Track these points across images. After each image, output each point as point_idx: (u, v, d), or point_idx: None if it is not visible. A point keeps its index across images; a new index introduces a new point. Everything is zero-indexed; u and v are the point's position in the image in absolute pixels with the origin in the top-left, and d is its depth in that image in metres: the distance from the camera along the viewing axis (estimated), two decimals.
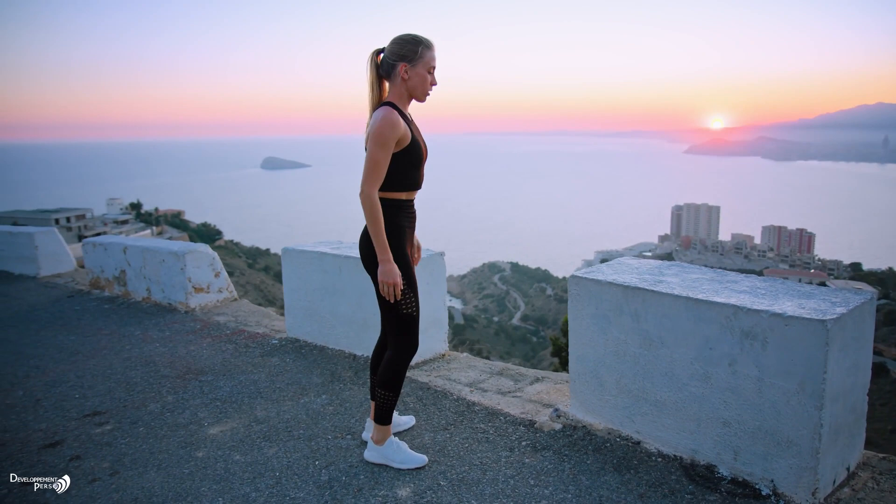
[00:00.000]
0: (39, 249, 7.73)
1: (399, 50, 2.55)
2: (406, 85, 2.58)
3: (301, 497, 2.60)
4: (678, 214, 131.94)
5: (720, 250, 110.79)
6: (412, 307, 2.64)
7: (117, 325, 5.37)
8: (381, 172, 2.50)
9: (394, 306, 2.61)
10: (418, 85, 2.59)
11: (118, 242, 6.36)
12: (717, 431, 2.50)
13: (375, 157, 2.48)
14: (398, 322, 2.64)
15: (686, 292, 2.55)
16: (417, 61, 2.56)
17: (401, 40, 2.57)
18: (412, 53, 2.55)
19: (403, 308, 2.62)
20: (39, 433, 3.35)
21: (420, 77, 2.58)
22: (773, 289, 2.56)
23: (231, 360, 4.33)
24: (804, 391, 2.22)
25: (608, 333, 2.82)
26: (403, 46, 2.55)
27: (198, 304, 5.71)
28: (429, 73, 2.60)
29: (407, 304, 2.62)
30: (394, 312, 2.63)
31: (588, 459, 2.73)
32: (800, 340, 2.21)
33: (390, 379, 2.69)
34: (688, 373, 2.55)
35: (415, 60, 2.55)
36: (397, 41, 2.57)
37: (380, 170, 2.49)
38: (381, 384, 2.70)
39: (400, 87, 2.59)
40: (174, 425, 3.35)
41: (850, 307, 2.28)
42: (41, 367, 4.40)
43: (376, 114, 2.52)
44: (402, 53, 2.55)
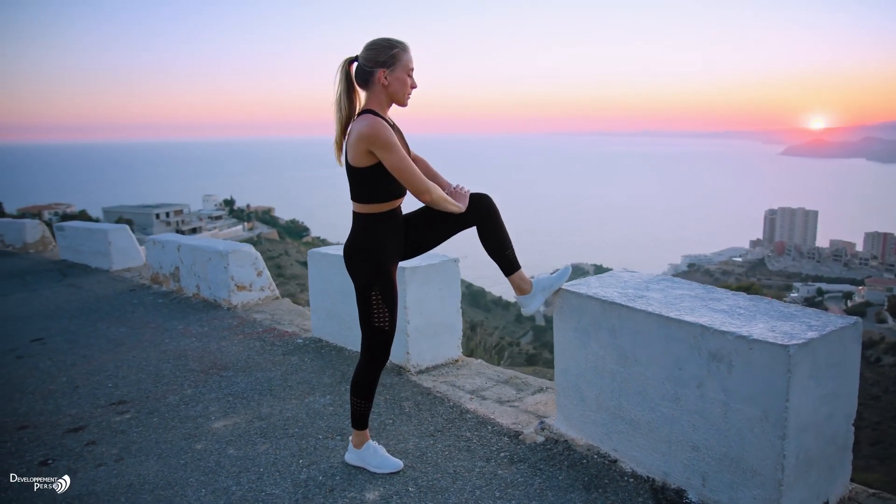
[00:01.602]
0: (112, 245, 8.32)
1: (376, 56, 2.52)
2: (387, 91, 2.55)
3: (276, 494, 2.71)
4: (771, 219, 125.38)
5: (817, 257, 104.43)
6: (384, 322, 2.65)
7: (164, 319, 5.72)
8: (413, 168, 2.49)
9: (367, 317, 2.65)
10: (399, 89, 2.56)
11: (173, 241, 6.76)
12: (686, 455, 2.42)
13: (398, 164, 2.45)
14: (369, 332, 2.68)
15: (660, 309, 2.47)
16: (396, 65, 2.53)
17: (376, 46, 2.53)
18: (390, 58, 2.52)
19: (375, 321, 2.65)
20: (68, 418, 3.64)
21: (400, 81, 2.55)
22: (754, 308, 2.44)
23: (254, 357, 4.53)
24: (767, 419, 2.12)
25: (588, 348, 2.77)
26: (380, 52, 2.52)
27: (240, 302, 5.99)
28: (408, 76, 2.58)
29: (380, 318, 2.64)
30: (367, 323, 2.67)
31: (560, 475, 2.70)
32: (763, 365, 2.11)
33: (361, 386, 2.74)
34: (660, 393, 2.48)
35: (393, 65, 2.52)
36: (373, 47, 2.53)
37: (411, 168, 2.47)
38: (352, 391, 2.77)
39: (379, 94, 2.55)
40: (185, 417, 3.56)
41: (825, 332, 2.15)
42: (88, 357, 4.76)
43: (360, 123, 2.47)
44: (380, 59, 2.51)
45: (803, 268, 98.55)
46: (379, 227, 2.61)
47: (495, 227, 2.72)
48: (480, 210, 2.69)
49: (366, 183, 2.54)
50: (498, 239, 2.74)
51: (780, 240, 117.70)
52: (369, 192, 2.56)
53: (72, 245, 9.07)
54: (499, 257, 2.78)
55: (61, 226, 9.43)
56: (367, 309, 2.64)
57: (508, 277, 2.84)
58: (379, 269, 2.61)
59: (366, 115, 2.51)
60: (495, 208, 2.73)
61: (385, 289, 2.63)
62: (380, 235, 2.60)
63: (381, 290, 2.62)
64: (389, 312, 2.66)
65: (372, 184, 2.54)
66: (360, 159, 2.50)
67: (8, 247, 10.72)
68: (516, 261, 2.82)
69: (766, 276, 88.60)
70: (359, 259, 2.61)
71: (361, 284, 2.63)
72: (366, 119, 2.47)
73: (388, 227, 2.63)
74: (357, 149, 2.48)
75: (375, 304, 2.63)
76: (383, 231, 2.61)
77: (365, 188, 2.55)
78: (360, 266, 2.62)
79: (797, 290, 78.38)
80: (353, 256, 2.63)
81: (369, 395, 2.77)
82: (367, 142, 2.44)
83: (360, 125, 2.47)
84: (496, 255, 2.78)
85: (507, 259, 2.79)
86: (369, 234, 2.60)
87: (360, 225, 2.61)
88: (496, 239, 2.74)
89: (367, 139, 2.44)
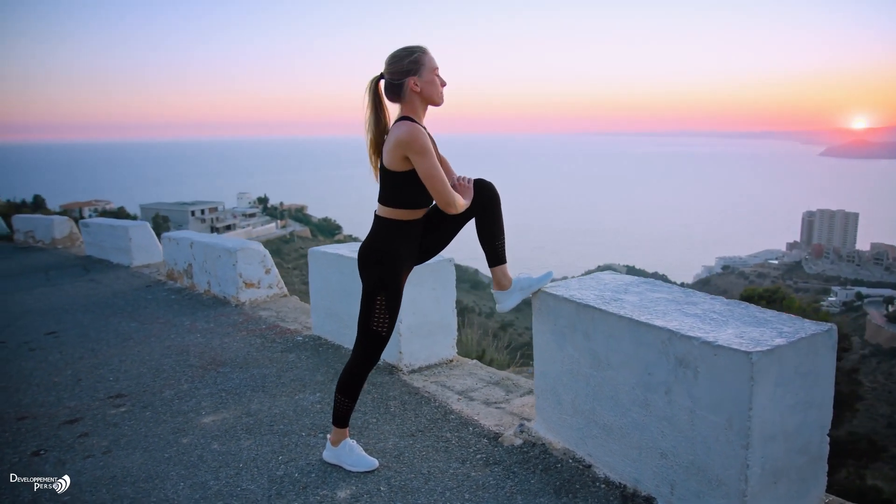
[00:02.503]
0: (133, 241, 8.51)
1: (401, 68, 2.55)
2: (421, 96, 2.59)
3: (251, 489, 2.74)
4: (810, 221, 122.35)
5: (857, 260, 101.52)
6: (383, 327, 2.67)
7: (173, 315, 5.83)
8: (444, 179, 2.51)
9: (367, 319, 2.68)
10: (432, 91, 2.61)
11: (187, 238, 6.89)
12: (656, 462, 2.37)
13: (430, 171, 2.48)
14: (365, 333, 2.70)
15: (632, 313, 2.43)
16: (422, 70, 2.57)
17: (398, 58, 2.57)
18: (415, 65, 2.56)
19: (374, 325, 2.67)
20: (67, 410, 3.73)
21: (430, 83, 2.60)
22: (728, 313, 2.39)
23: (253, 354, 4.59)
24: (732, 427, 2.07)
25: (564, 351, 2.74)
26: (404, 62, 2.55)
27: (248, 299, 6.07)
28: (436, 76, 2.62)
29: (379, 322, 2.66)
30: (365, 324, 2.69)
31: (533, 479, 2.67)
32: (727, 372, 2.06)
33: (348, 385, 2.76)
34: (630, 398, 2.44)
35: (419, 70, 2.57)
36: (395, 60, 2.57)
37: (442, 178, 2.49)
38: (338, 388, 2.79)
39: (413, 102, 2.59)
40: (176, 412, 3.62)
41: (794, 339, 2.09)
42: (95, 350, 4.87)
43: (399, 129, 2.51)
44: (406, 69, 2.55)
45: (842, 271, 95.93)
46: (398, 233, 2.63)
47: (493, 215, 2.74)
48: (486, 199, 2.71)
49: (397, 187, 2.58)
50: (492, 227, 2.75)
51: (818, 242, 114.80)
52: (398, 198, 2.59)
53: (96, 241, 9.31)
54: (489, 246, 2.79)
55: (86, 222, 9.68)
56: (369, 311, 2.66)
57: (491, 269, 2.84)
58: (390, 276, 2.63)
59: (403, 121, 2.55)
60: (497, 196, 2.75)
61: (391, 296, 2.65)
62: (397, 242, 2.63)
63: (387, 297, 2.64)
64: (389, 319, 2.68)
65: (402, 189, 2.57)
66: (395, 163, 2.54)
67: (38, 242, 11.05)
68: (504, 254, 2.82)
69: (803, 279, 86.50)
70: (373, 263, 2.63)
71: (370, 287, 2.65)
72: (404, 125, 2.51)
73: (407, 236, 2.65)
74: (394, 154, 2.52)
75: (378, 309, 2.65)
76: (402, 238, 2.64)
77: (395, 192, 2.59)
78: (372, 269, 2.64)
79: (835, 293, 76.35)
80: (368, 259, 2.65)
81: (354, 395, 2.79)
82: (404, 147, 2.48)
83: (398, 131, 2.51)
84: (486, 244, 2.78)
85: (496, 250, 2.79)
86: (388, 240, 2.62)
87: (381, 229, 2.64)
88: (490, 227, 2.75)
89: (404, 144, 2.48)
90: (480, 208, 2.72)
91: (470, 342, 6.08)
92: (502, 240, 2.81)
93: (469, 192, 2.69)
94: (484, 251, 2.81)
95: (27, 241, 11.32)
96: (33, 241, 11.15)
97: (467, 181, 2.71)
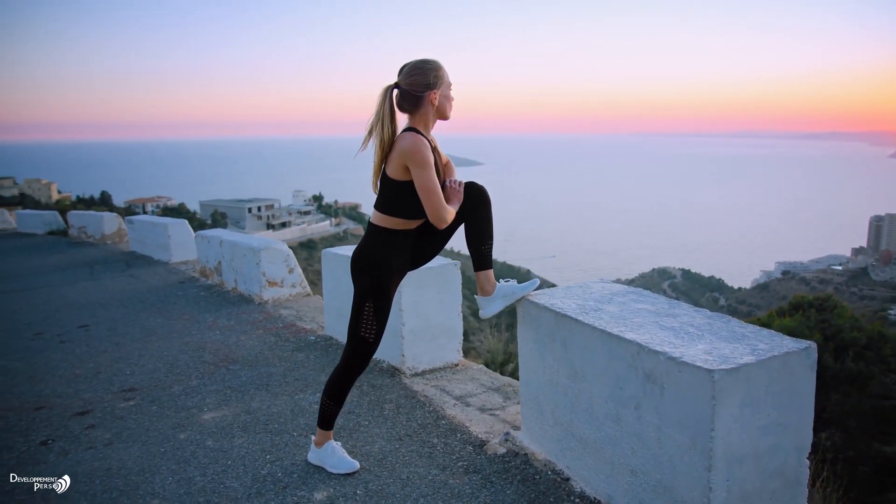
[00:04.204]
0: (172, 238, 8.80)
1: (423, 80, 2.58)
2: (435, 109, 2.64)
3: (234, 487, 2.79)
4: (878, 226, 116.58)
5: None
6: (370, 333, 2.70)
7: (198, 312, 6.00)
8: (439, 193, 2.54)
9: (355, 325, 2.70)
10: (447, 105, 2.68)
11: (217, 236, 7.08)
12: (626, 479, 2.30)
13: (427, 184, 2.51)
14: (354, 339, 2.73)
15: (606, 324, 2.37)
16: (441, 84, 2.62)
17: (420, 70, 2.59)
18: (436, 79, 2.61)
19: (363, 331, 2.69)
20: (80, 402, 3.89)
21: (446, 98, 2.66)
22: (706, 327, 2.30)
23: (264, 353, 4.68)
24: (695, 448, 1.99)
25: (545, 360, 2.70)
26: (427, 75, 2.59)
27: (270, 298, 6.19)
28: (450, 92, 2.68)
29: (367, 328, 2.69)
30: (354, 329, 2.72)
31: (509, 490, 2.64)
32: (690, 390, 1.98)
33: (334, 389, 2.79)
34: (604, 411, 2.38)
35: (439, 85, 2.62)
36: (417, 73, 2.59)
37: (437, 192, 2.53)
38: (325, 392, 2.82)
39: (426, 114, 2.63)
40: (180, 407, 3.72)
41: (765, 357, 1.99)
42: (119, 345, 5.06)
43: (404, 140, 2.54)
44: (428, 82, 2.59)
45: None
46: (392, 242, 2.66)
47: (482, 219, 2.74)
48: (475, 201, 2.72)
49: (395, 195, 2.61)
50: (480, 231, 2.75)
51: (886, 248, 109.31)
52: (395, 206, 2.62)
53: (139, 237, 9.67)
54: (475, 249, 2.78)
55: (131, 219, 10.06)
56: (358, 317, 2.70)
57: (476, 273, 2.83)
58: (380, 284, 2.66)
59: (409, 132, 2.58)
60: (487, 200, 2.76)
61: (380, 304, 2.67)
62: (389, 252, 2.66)
63: (376, 304, 2.67)
64: (377, 326, 2.70)
65: (400, 198, 2.60)
66: (397, 173, 2.58)
67: (89, 237, 11.55)
68: (489, 260, 2.81)
69: (869, 287, 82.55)
70: (364, 269, 2.67)
71: (360, 294, 2.69)
72: (410, 136, 2.55)
73: (400, 245, 2.68)
74: (397, 163, 2.56)
75: (367, 315, 2.68)
76: (394, 248, 2.66)
77: (392, 200, 2.62)
78: (363, 276, 2.67)
79: None
80: (359, 265, 2.69)
81: (340, 399, 2.82)
82: (405, 157, 2.53)
83: (404, 142, 2.55)
84: (473, 247, 2.79)
85: (482, 254, 2.79)
86: (380, 248, 2.65)
87: (374, 237, 2.67)
88: (478, 231, 2.75)
89: (405, 154, 2.52)
90: (471, 210, 2.72)
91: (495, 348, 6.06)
92: (489, 244, 2.79)
93: (459, 195, 2.69)
94: (470, 254, 2.81)
95: (80, 237, 11.85)
96: (85, 237, 11.67)
97: (458, 185, 2.71)
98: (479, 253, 2.78)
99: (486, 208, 2.74)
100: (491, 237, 2.78)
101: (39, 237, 12.57)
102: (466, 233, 2.77)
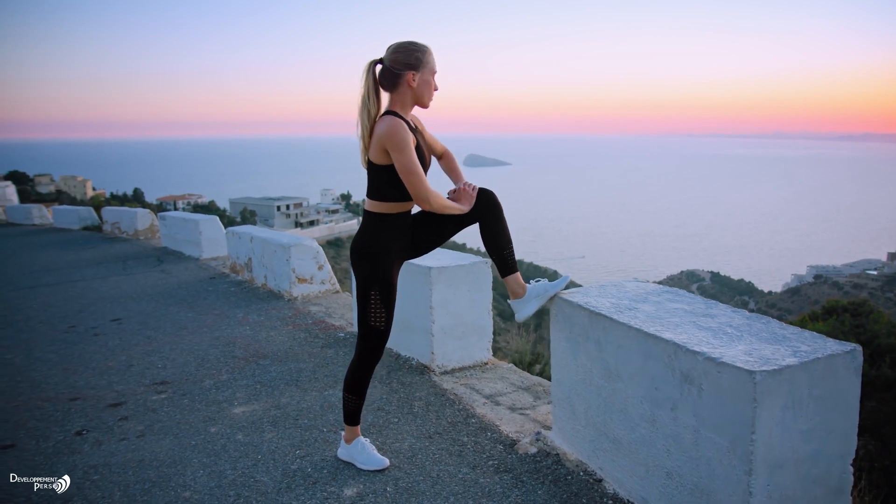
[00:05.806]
0: (203, 234, 8.91)
1: (405, 59, 2.56)
2: (413, 92, 2.60)
3: (264, 481, 2.80)
4: None
5: None
6: (381, 322, 2.69)
7: (228, 307, 6.06)
8: (420, 174, 2.52)
9: (364, 316, 2.70)
10: (425, 91, 2.62)
11: (247, 232, 7.14)
12: (661, 481, 2.26)
13: (406, 166, 2.50)
14: (365, 331, 2.73)
15: (641, 324, 2.33)
16: (423, 68, 2.58)
17: (405, 49, 2.57)
18: (418, 61, 2.57)
19: (372, 320, 2.69)
20: (114, 393, 3.95)
21: (426, 83, 2.61)
22: (745, 328, 2.24)
23: (294, 348, 4.70)
24: (735, 451, 1.94)
25: (578, 360, 2.66)
26: (409, 55, 2.57)
27: (300, 294, 6.23)
28: (432, 79, 2.63)
29: (377, 317, 2.69)
30: (363, 320, 2.72)
31: (540, 490, 2.60)
32: (730, 392, 1.93)
33: (353, 383, 2.79)
34: (639, 412, 2.33)
35: (421, 68, 2.58)
36: (401, 50, 2.57)
37: (417, 172, 2.51)
38: (345, 387, 2.82)
39: (404, 96, 2.60)
40: (211, 401, 3.76)
41: (809, 359, 1.93)
42: (151, 338, 5.13)
43: (381, 124, 2.53)
44: (409, 62, 2.56)
45: None
46: (387, 227, 2.65)
47: (496, 224, 2.71)
48: (483, 206, 2.69)
49: (381, 180, 2.61)
50: (497, 237, 2.72)
51: None
52: (382, 191, 2.62)
53: (171, 233, 9.81)
54: (496, 256, 2.76)
55: (163, 215, 10.21)
56: (366, 307, 2.69)
57: (504, 279, 2.79)
58: (381, 271, 2.65)
59: (387, 115, 2.58)
60: (498, 205, 2.72)
61: (384, 290, 2.67)
62: (387, 236, 2.65)
63: (381, 292, 2.66)
64: (386, 313, 2.69)
65: (386, 182, 2.60)
66: (378, 157, 2.57)
67: (123, 233, 11.76)
68: (514, 263, 2.78)
69: None
70: (363, 258, 2.66)
71: (362, 283, 2.68)
72: (387, 119, 2.54)
73: (396, 229, 2.68)
74: (376, 147, 2.56)
75: (374, 304, 2.67)
76: (390, 232, 2.66)
77: (379, 186, 2.62)
78: (363, 265, 2.67)
79: None
80: (358, 255, 2.68)
81: (361, 392, 2.81)
82: (383, 141, 2.52)
83: (381, 126, 2.54)
84: (493, 254, 2.76)
85: (504, 259, 2.75)
86: (376, 234, 2.65)
87: (370, 223, 2.67)
88: (495, 236, 2.72)
89: (383, 139, 2.51)
90: (479, 216, 2.69)
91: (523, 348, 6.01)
92: (510, 249, 2.75)
93: (470, 198, 2.67)
94: (494, 262, 2.79)
95: (113, 232, 12.07)
96: (119, 232, 11.88)
97: (472, 188, 2.69)
98: (502, 258, 2.75)
99: (497, 214, 2.70)
100: (509, 241, 2.74)
101: (74, 232, 12.84)
102: (484, 241, 2.74)
